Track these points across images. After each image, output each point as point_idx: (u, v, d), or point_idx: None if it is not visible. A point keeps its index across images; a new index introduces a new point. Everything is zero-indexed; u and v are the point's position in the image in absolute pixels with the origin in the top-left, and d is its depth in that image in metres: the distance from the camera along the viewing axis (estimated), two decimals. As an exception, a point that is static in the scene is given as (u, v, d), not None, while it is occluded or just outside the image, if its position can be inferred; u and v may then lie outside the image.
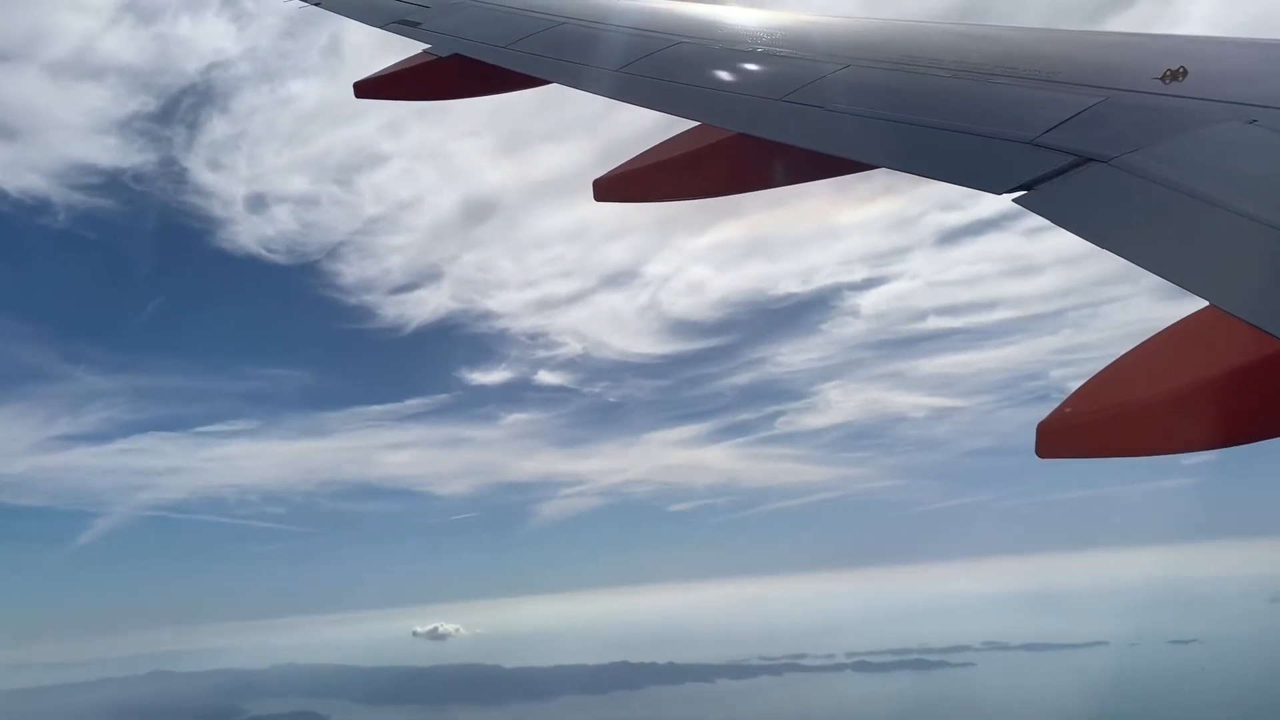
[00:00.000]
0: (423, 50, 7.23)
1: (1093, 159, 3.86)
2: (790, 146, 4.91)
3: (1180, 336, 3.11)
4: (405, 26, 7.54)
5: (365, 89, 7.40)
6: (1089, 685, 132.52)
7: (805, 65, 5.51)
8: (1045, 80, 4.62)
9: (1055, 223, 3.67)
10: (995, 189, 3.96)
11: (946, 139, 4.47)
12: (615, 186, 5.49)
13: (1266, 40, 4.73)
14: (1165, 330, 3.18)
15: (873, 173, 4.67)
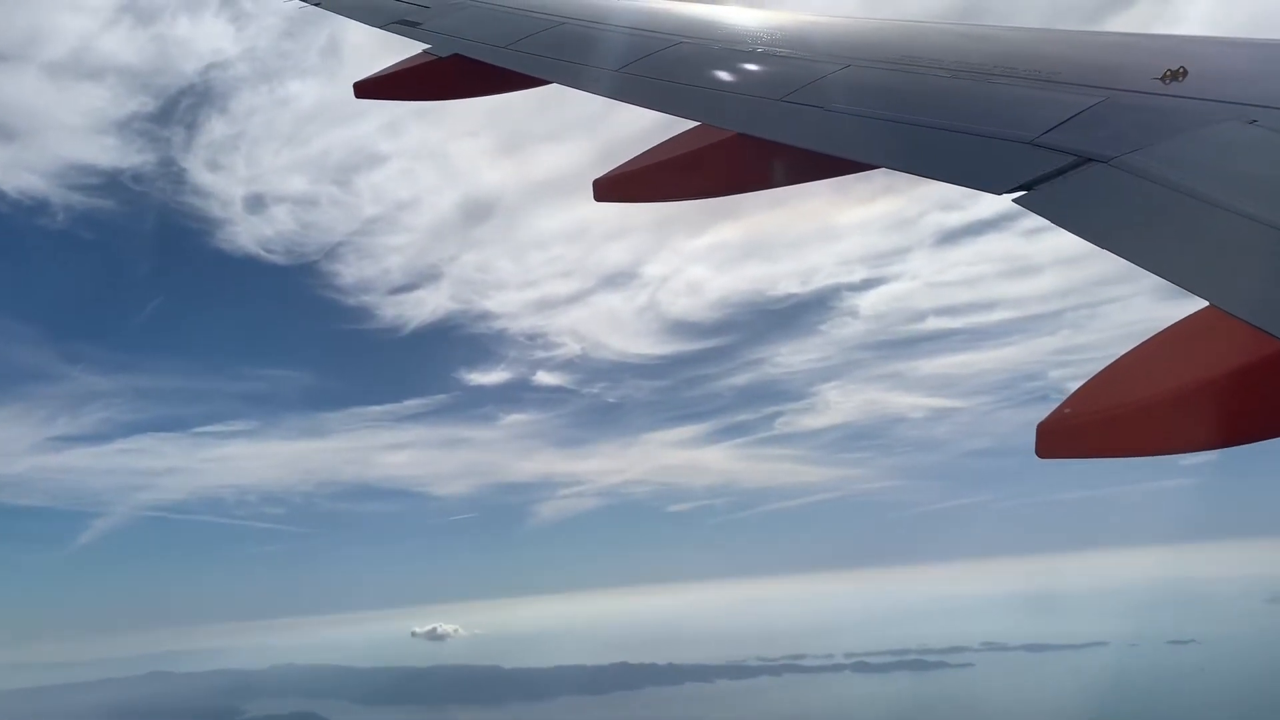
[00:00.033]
0: (423, 50, 7.24)
1: (1093, 159, 3.86)
2: (790, 147, 4.91)
3: (1180, 337, 3.11)
4: (405, 26, 7.54)
5: (365, 89, 7.40)
6: (1088, 686, 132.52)
7: (805, 65, 5.51)
8: (1045, 80, 4.62)
9: (1055, 223, 3.67)
10: (995, 189, 3.96)
11: (946, 139, 4.47)
12: (615, 186, 5.48)
13: (1266, 40, 4.74)
14: (1165, 330, 3.18)
15: (872, 173, 4.67)
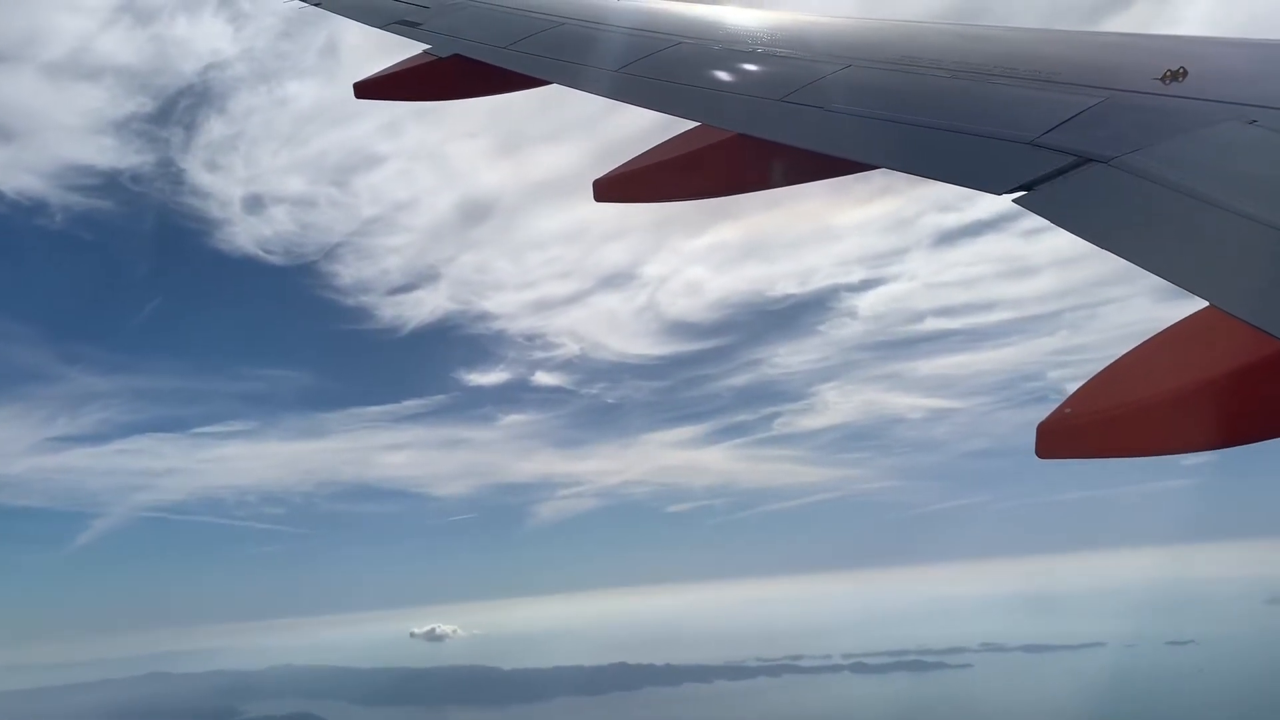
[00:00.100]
0: (423, 50, 7.24)
1: (1093, 159, 3.86)
2: (790, 147, 4.91)
3: (1180, 337, 3.12)
4: (405, 27, 7.54)
5: (365, 89, 7.39)
6: (1087, 686, 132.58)
7: (805, 66, 5.51)
8: (1045, 81, 4.62)
9: (1055, 223, 3.67)
10: (995, 189, 3.96)
11: (947, 139, 4.47)
12: (615, 187, 5.48)
13: (1266, 41, 4.74)
14: (1165, 330, 3.18)
15: (870, 174, 4.67)
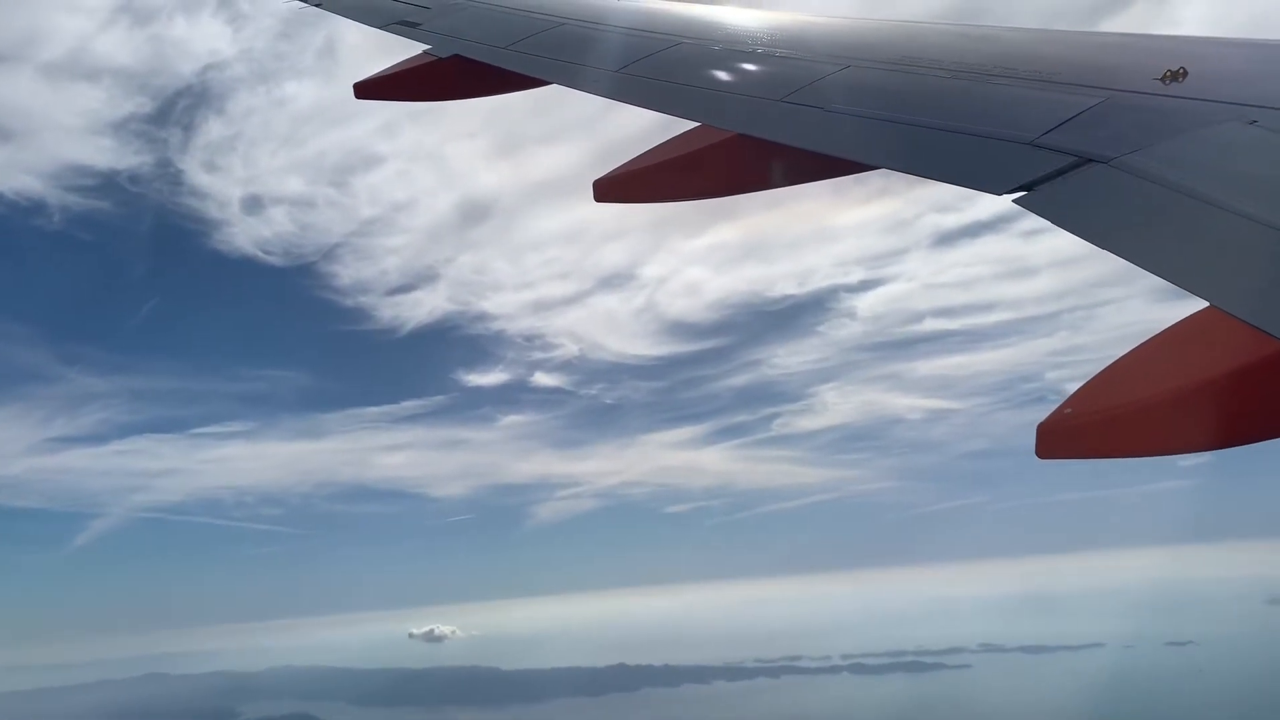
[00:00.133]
0: (423, 51, 7.24)
1: (1093, 160, 3.86)
2: (791, 147, 4.91)
3: (1180, 337, 3.12)
4: (405, 27, 7.54)
5: (365, 89, 7.39)
6: (1086, 687, 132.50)
7: (805, 66, 5.51)
8: (1045, 81, 4.62)
9: (1055, 224, 3.67)
10: (995, 190, 3.96)
11: (947, 140, 4.48)
12: (615, 187, 5.49)
13: (1266, 41, 4.75)
14: (1165, 331, 3.18)
15: (868, 175, 4.67)
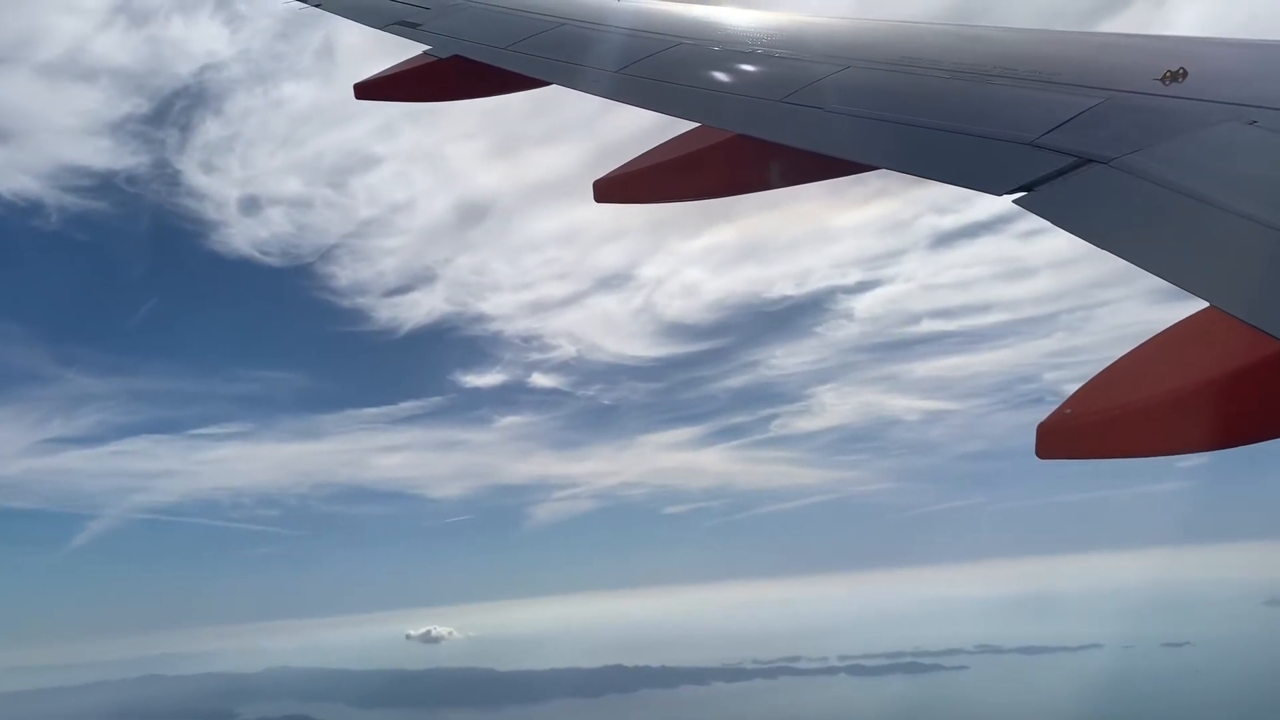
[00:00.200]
0: (423, 51, 7.24)
1: (1093, 160, 3.87)
2: (790, 148, 4.92)
3: (1180, 337, 3.13)
4: (405, 28, 7.54)
5: (366, 90, 7.39)
6: (1083, 688, 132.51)
7: (805, 66, 5.52)
8: (1045, 81, 4.63)
9: (1055, 224, 3.68)
10: (995, 190, 3.97)
11: (947, 140, 4.48)
12: (615, 187, 5.49)
13: (1266, 41, 4.75)
14: (1165, 331, 3.19)
15: (865, 176, 4.68)
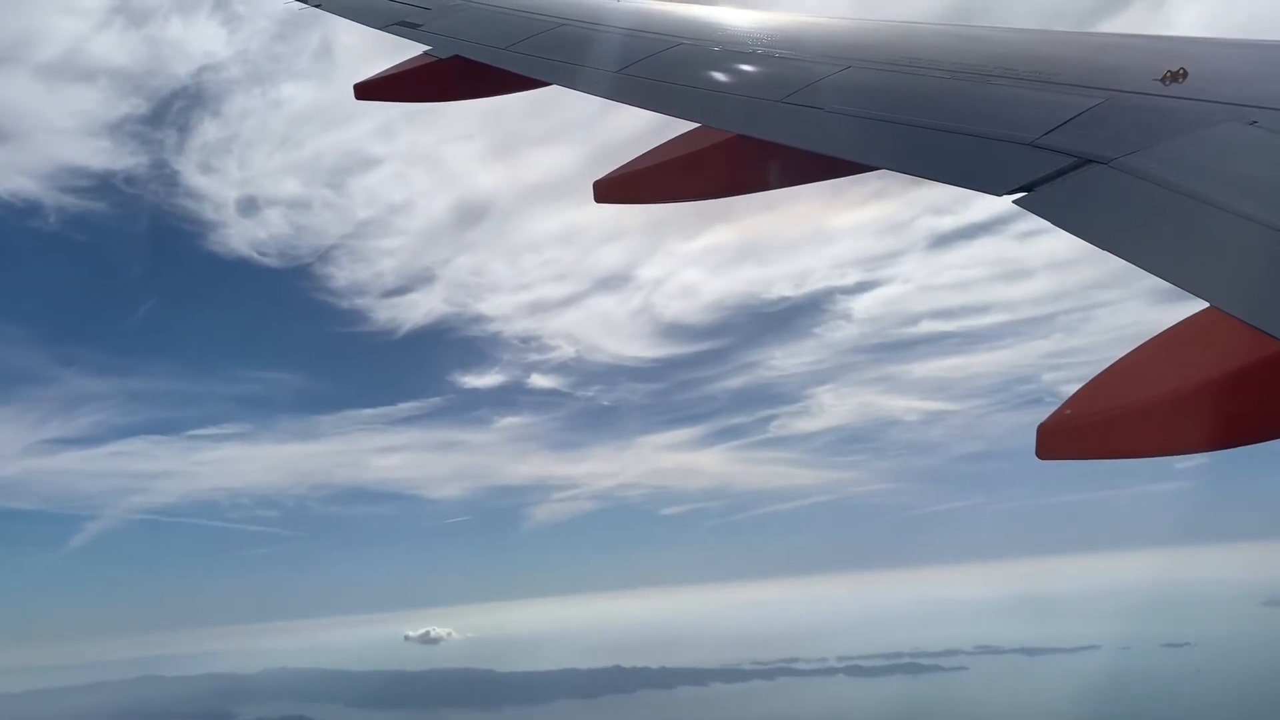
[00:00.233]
0: (423, 52, 7.24)
1: (1093, 160, 3.87)
2: (791, 148, 4.92)
3: (1181, 338, 3.13)
4: (405, 28, 7.54)
5: (366, 90, 7.38)
6: (1082, 689, 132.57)
7: (805, 67, 5.52)
8: (1045, 82, 4.63)
9: (1055, 224, 3.68)
10: (995, 190, 3.97)
11: (947, 140, 4.48)
12: (616, 188, 5.49)
13: (1266, 42, 4.76)
14: (1165, 331, 3.19)
15: (864, 177, 4.68)
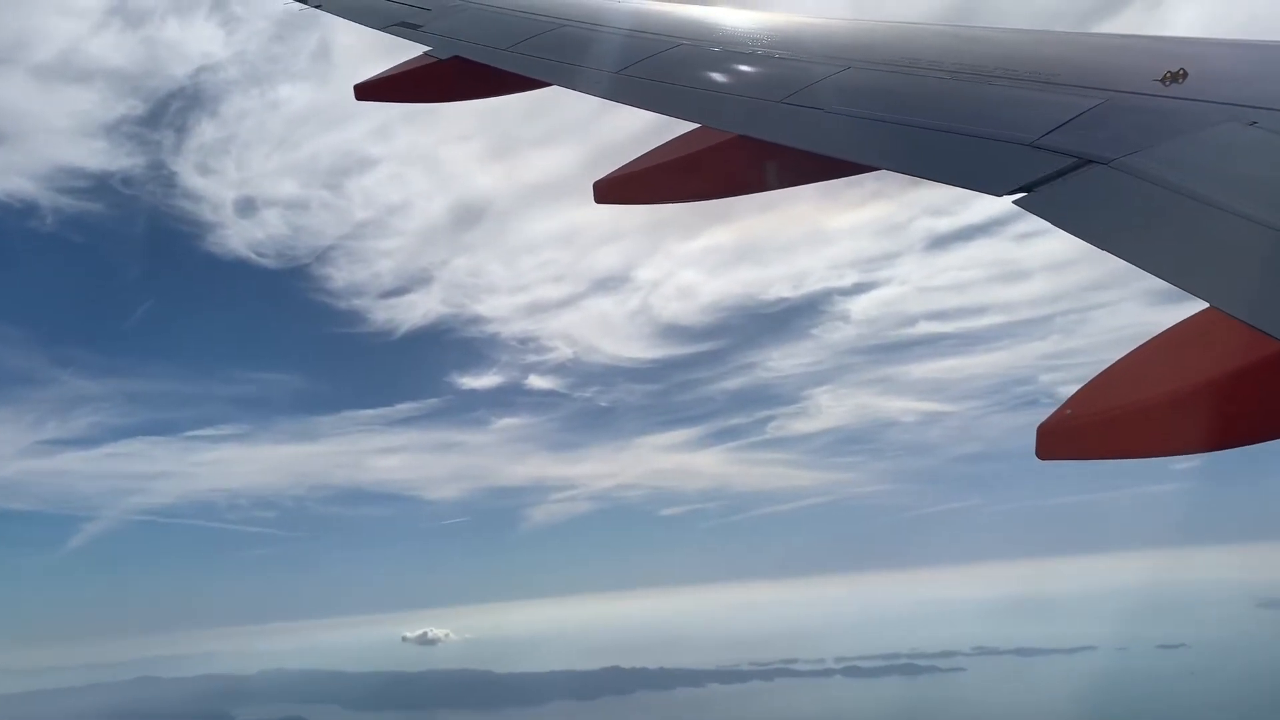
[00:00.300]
0: (423, 52, 7.24)
1: (1093, 161, 3.87)
2: (791, 148, 4.92)
3: (1180, 338, 3.13)
4: (405, 29, 7.54)
5: (366, 91, 7.38)
6: (1079, 690, 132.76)
7: (805, 67, 5.52)
8: (1045, 82, 4.63)
9: (1055, 224, 3.69)
10: (995, 191, 3.97)
11: (947, 141, 4.48)
12: (616, 188, 5.50)
13: (1266, 42, 4.76)
14: (1166, 332, 3.20)
15: (862, 178, 4.69)
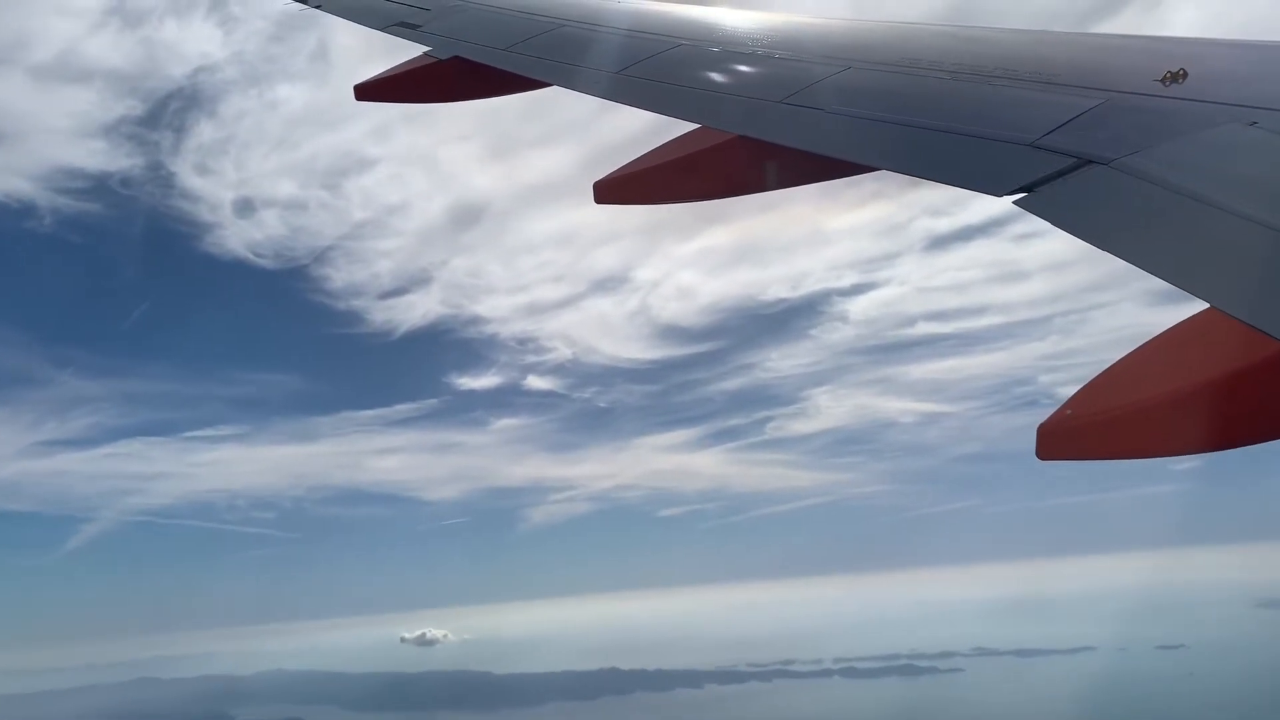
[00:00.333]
0: (423, 53, 7.25)
1: (1093, 161, 3.87)
2: (791, 149, 4.92)
3: (1181, 338, 3.14)
4: (405, 29, 7.55)
5: (366, 91, 7.39)
6: (1077, 690, 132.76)
7: (805, 67, 5.52)
8: (1046, 82, 4.63)
9: (1055, 225, 3.69)
10: (996, 191, 3.97)
11: (947, 141, 4.48)
12: (615, 188, 5.50)
13: (1266, 42, 4.77)
14: (1166, 332, 3.20)
15: (861, 178, 4.69)
